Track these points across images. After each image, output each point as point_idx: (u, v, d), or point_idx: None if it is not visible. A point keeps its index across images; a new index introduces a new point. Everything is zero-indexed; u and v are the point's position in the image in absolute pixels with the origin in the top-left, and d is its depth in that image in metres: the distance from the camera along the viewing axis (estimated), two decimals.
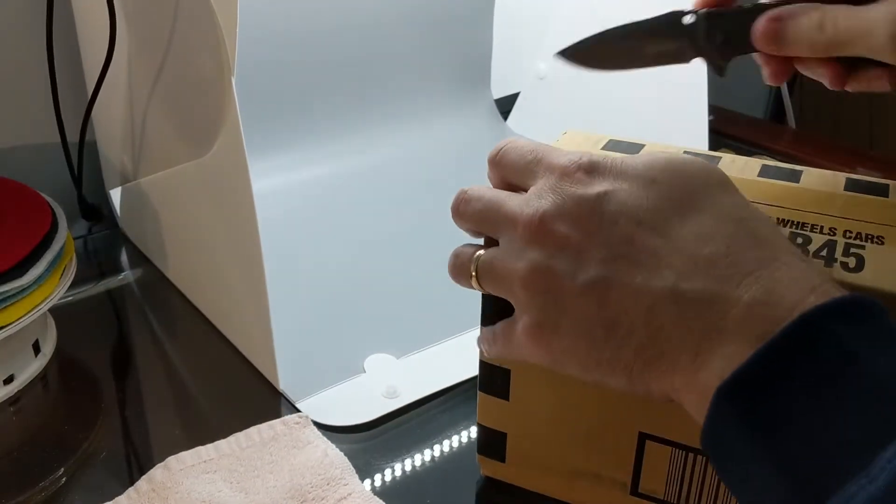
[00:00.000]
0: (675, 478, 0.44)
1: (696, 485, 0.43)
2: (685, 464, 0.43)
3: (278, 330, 0.54)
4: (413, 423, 0.54)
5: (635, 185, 0.35)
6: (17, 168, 0.69)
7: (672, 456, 0.43)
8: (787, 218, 0.40)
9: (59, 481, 0.49)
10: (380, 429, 0.54)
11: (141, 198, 0.70)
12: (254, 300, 0.55)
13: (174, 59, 0.59)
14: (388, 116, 0.87)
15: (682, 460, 0.43)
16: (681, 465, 0.43)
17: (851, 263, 0.37)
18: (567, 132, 0.50)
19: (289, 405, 0.55)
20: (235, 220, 0.55)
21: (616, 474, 0.45)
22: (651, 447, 0.43)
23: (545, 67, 0.92)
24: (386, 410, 0.55)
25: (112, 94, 0.68)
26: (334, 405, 0.55)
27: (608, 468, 0.45)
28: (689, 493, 0.44)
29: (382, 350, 0.60)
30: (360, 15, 0.81)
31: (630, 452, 0.44)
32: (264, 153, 0.78)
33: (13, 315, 0.53)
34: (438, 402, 0.56)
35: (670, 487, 0.44)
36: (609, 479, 0.45)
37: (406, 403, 0.55)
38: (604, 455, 0.45)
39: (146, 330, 0.64)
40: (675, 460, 0.43)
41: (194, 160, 0.59)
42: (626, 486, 0.45)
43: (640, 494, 0.45)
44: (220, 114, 0.53)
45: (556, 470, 0.47)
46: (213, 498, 0.46)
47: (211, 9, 0.49)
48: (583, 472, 0.46)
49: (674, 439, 0.43)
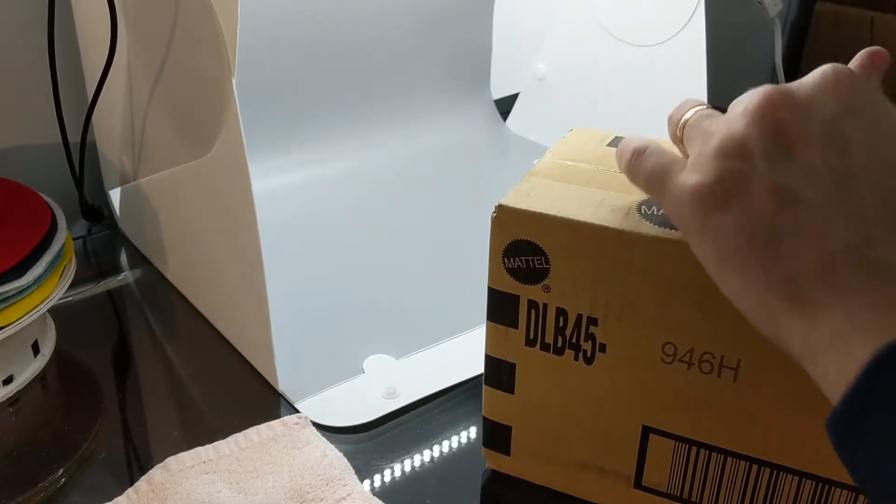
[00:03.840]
0: (678, 471, 0.44)
1: (699, 478, 0.44)
2: (688, 457, 0.43)
3: (277, 331, 0.54)
4: (413, 423, 0.54)
5: (875, 128, 0.33)
6: (17, 168, 0.69)
7: (675, 449, 0.44)
8: None
9: (59, 482, 0.49)
10: (379, 429, 0.54)
11: (140, 198, 0.70)
12: (253, 301, 0.55)
13: (175, 60, 0.59)
14: (388, 117, 0.87)
15: (685, 454, 0.43)
16: (684, 459, 0.43)
17: None
18: (573, 129, 0.50)
19: (288, 406, 0.55)
20: (235, 220, 0.55)
21: (620, 467, 0.45)
22: (654, 440, 0.44)
23: (545, 68, 0.92)
24: (385, 411, 0.55)
25: (112, 95, 0.68)
26: (333, 406, 0.55)
27: (612, 461, 0.46)
28: (692, 486, 0.44)
29: (382, 351, 0.60)
30: (359, 16, 0.81)
31: (634, 446, 0.44)
32: (264, 154, 0.78)
33: (13, 315, 0.53)
34: (438, 402, 0.56)
35: (673, 480, 0.44)
36: (613, 472, 0.46)
37: (405, 404, 0.55)
38: (608, 448, 0.45)
39: (145, 330, 0.64)
40: (678, 454, 0.44)
41: (194, 161, 0.59)
42: (630, 479, 0.45)
43: (643, 487, 0.45)
44: (220, 114, 0.53)
45: (561, 463, 0.47)
46: (213, 498, 0.46)
47: (212, 10, 0.49)
48: (587, 464, 0.46)
49: (676, 433, 0.43)
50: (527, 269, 0.43)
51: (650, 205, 0.42)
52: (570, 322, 0.43)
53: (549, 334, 0.44)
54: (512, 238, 0.43)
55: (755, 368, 0.40)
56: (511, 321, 0.44)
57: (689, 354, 0.41)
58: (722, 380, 0.41)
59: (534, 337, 0.44)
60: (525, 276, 0.43)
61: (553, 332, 0.44)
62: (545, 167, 0.46)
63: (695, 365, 0.41)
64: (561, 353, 0.44)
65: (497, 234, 0.43)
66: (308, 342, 0.61)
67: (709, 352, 0.40)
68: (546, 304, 0.43)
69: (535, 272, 0.43)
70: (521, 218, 0.42)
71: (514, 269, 0.43)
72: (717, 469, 0.43)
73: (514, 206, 0.42)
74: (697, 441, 0.43)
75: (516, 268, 0.43)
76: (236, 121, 0.50)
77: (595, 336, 0.43)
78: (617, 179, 0.43)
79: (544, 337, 0.44)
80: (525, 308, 0.44)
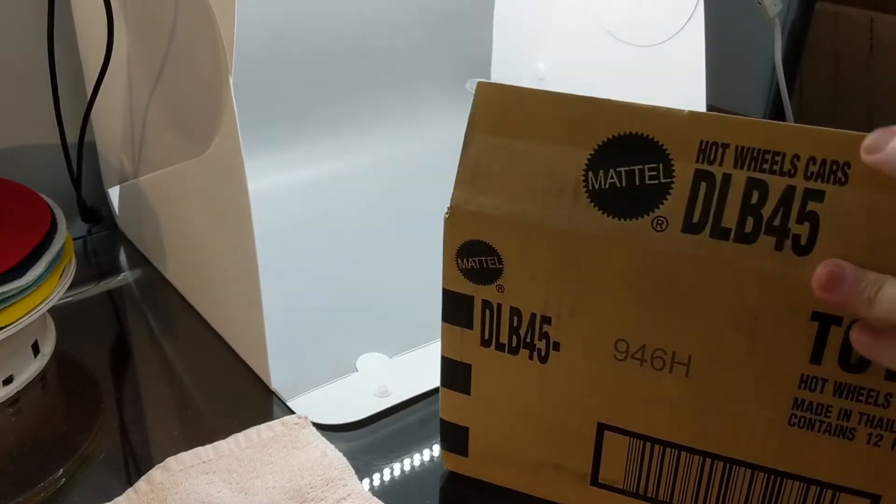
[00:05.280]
0: (633, 467, 0.44)
1: (655, 473, 0.44)
2: (643, 453, 0.44)
3: (271, 329, 0.54)
4: (413, 423, 0.54)
5: None
6: (17, 169, 0.69)
7: (630, 445, 0.44)
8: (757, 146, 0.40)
9: (59, 482, 0.49)
10: (378, 430, 0.54)
11: (139, 196, 0.70)
12: (247, 299, 0.55)
13: (173, 59, 0.59)
14: (388, 116, 0.87)
15: (640, 450, 0.44)
16: (639, 455, 0.44)
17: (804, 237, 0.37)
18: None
19: (281, 404, 0.55)
20: (231, 219, 0.55)
21: (576, 465, 0.46)
22: (609, 437, 0.44)
23: (545, 68, 0.92)
24: (377, 409, 0.55)
25: (112, 94, 0.68)
26: (325, 403, 0.55)
27: (568, 459, 0.46)
28: (647, 481, 0.44)
29: (375, 349, 0.60)
30: (360, 15, 0.81)
31: (589, 443, 0.45)
32: (261, 152, 0.78)
33: (13, 315, 0.53)
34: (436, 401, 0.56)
35: (629, 477, 0.45)
36: (569, 470, 0.46)
37: (398, 402, 0.55)
38: (564, 446, 0.45)
39: (145, 330, 0.64)
40: (633, 450, 0.44)
41: (191, 159, 0.59)
42: (587, 476, 0.46)
43: (599, 484, 0.46)
44: (217, 113, 0.53)
45: (518, 463, 0.47)
46: (213, 499, 0.46)
47: (209, 9, 0.49)
48: (544, 463, 0.46)
49: (631, 429, 0.43)
50: (480, 269, 0.43)
51: (597, 167, 0.39)
52: (524, 321, 0.43)
53: (503, 334, 0.44)
54: (465, 239, 0.42)
55: (707, 364, 0.40)
56: (466, 322, 0.44)
57: (640, 351, 0.41)
58: (674, 376, 0.41)
59: (489, 337, 0.44)
60: (479, 276, 0.43)
61: (508, 331, 0.44)
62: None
63: (647, 361, 0.41)
64: (516, 352, 0.44)
65: (450, 235, 0.43)
66: (302, 341, 0.61)
67: (660, 348, 0.41)
68: (500, 303, 0.43)
69: (489, 272, 0.43)
70: (474, 219, 0.42)
71: (467, 269, 0.43)
72: (672, 464, 0.43)
73: (467, 208, 0.42)
74: (652, 437, 0.43)
75: (470, 268, 0.43)
76: (233, 120, 0.50)
77: (549, 335, 0.43)
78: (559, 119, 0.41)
79: (499, 337, 0.44)
80: (479, 308, 0.44)
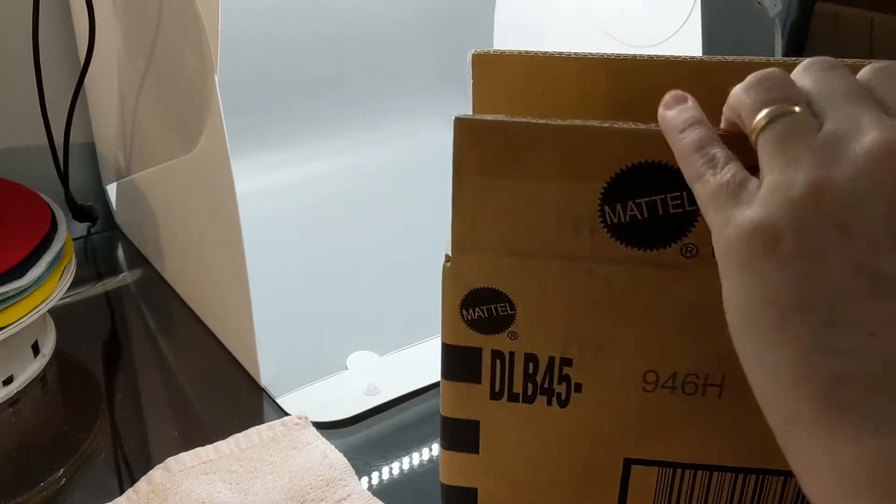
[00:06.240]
0: (662, 496, 0.42)
1: (685, 498, 0.42)
2: (672, 480, 0.42)
3: (262, 326, 0.54)
4: (414, 423, 0.54)
5: None
6: (17, 169, 0.68)
7: (659, 475, 0.42)
8: None
9: (59, 482, 0.49)
10: (372, 429, 0.54)
11: (134, 193, 0.70)
12: (237, 296, 0.55)
13: (160, 57, 0.59)
14: (387, 116, 0.87)
15: (669, 478, 0.42)
16: (668, 483, 0.42)
17: None
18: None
19: (271, 402, 0.55)
20: (220, 216, 0.55)
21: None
22: (637, 471, 0.42)
23: None
24: (367, 407, 0.55)
25: (105, 90, 0.68)
26: (314, 401, 0.55)
27: (591, 501, 0.43)
28: None
29: (365, 347, 0.60)
30: (357, 14, 0.81)
31: (615, 480, 0.42)
32: (253, 151, 0.78)
33: (13, 316, 0.53)
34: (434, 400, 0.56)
35: None
36: None
37: (388, 400, 0.55)
38: (586, 490, 0.43)
39: (145, 331, 0.64)
40: (662, 479, 0.42)
41: (181, 156, 0.59)
42: None
43: None
44: (204, 111, 0.53)
45: None
46: (213, 499, 0.46)
47: (194, 6, 0.49)
48: None
49: (660, 458, 0.41)
50: (489, 318, 0.39)
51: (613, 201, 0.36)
52: (540, 367, 0.40)
53: (517, 383, 0.40)
54: (470, 288, 0.38)
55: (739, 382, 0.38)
56: (473, 377, 0.40)
57: (671, 379, 0.39)
58: (706, 398, 0.39)
59: (500, 389, 0.41)
60: (488, 325, 0.39)
61: (522, 380, 0.40)
62: None
63: (678, 388, 0.39)
64: (531, 401, 0.41)
65: (452, 286, 0.38)
66: (292, 338, 0.61)
67: (692, 373, 0.39)
68: (513, 352, 0.39)
69: (499, 320, 0.39)
70: (478, 266, 0.38)
71: (474, 320, 0.39)
72: (703, 486, 0.42)
73: (470, 256, 0.38)
74: (682, 463, 0.41)
75: (477, 318, 0.39)
76: (218, 117, 0.50)
77: (570, 377, 0.40)
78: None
79: (512, 387, 0.40)
80: (489, 360, 0.40)
